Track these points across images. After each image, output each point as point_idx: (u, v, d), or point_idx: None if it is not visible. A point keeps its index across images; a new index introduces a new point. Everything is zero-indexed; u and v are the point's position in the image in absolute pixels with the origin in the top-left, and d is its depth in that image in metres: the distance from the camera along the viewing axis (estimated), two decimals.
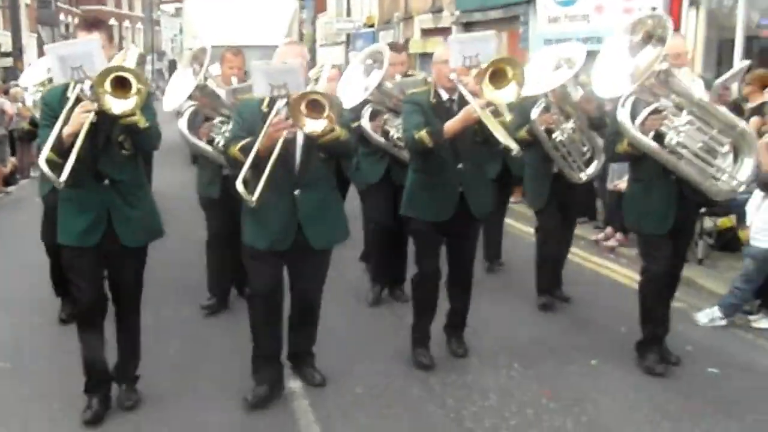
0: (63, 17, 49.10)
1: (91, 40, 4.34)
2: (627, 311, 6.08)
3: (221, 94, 6.16)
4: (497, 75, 4.79)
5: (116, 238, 4.52)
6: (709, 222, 8.20)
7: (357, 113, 6.49)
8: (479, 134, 5.06)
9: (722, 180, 5.04)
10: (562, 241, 6.96)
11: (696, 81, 5.21)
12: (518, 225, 10.02)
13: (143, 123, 4.33)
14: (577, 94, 6.30)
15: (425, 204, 5.30)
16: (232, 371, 5.28)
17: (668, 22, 4.79)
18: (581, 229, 9.00)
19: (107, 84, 4.09)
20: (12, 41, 28.53)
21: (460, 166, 5.22)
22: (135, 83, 4.13)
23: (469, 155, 5.25)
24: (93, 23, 4.61)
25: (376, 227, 6.86)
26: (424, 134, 5.02)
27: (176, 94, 6.20)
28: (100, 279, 4.67)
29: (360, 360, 5.66)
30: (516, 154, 4.95)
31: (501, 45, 18.23)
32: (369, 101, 6.54)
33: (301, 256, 4.83)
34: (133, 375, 4.97)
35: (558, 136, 6.37)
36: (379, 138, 6.57)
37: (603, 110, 6.26)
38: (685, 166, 4.98)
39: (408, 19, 26.18)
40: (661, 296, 5.41)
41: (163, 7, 70.05)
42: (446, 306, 5.68)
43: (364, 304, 6.84)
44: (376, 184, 6.71)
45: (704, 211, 7.37)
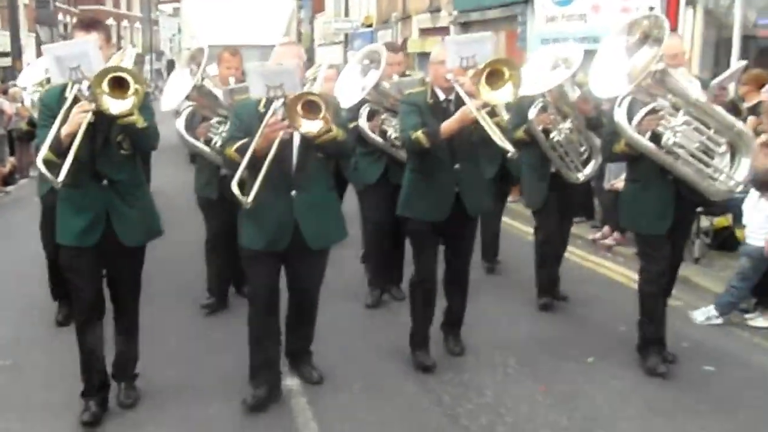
0: (61, 17, 49.05)
1: (88, 41, 4.35)
2: (624, 309, 6.14)
3: (219, 95, 6.17)
4: (494, 76, 4.80)
5: (115, 237, 4.53)
6: (706, 221, 8.22)
7: (354, 113, 6.50)
8: (476, 135, 5.07)
9: (719, 180, 5.04)
10: (559, 240, 6.97)
11: (693, 81, 5.19)
12: (516, 224, 10.05)
13: (141, 123, 4.33)
14: (574, 94, 6.31)
15: (422, 204, 5.31)
16: (230, 369, 5.30)
17: (665, 22, 4.80)
18: (578, 228, 9.05)
19: (105, 84, 4.10)
20: (10, 41, 28.53)
21: (457, 167, 5.23)
22: (132, 83, 4.13)
23: (466, 155, 5.26)
24: (90, 23, 4.62)
25: (374, 227, 6.85)
26: (420, 134, 5.03)
27: (174, 94, 6.22)
28: (99, 279, 4.68)
29: (357, 358, 5.69)
30: (511, 155, 4.96)
31: (498, 46, 18.29)
32: (367, 101, 6.54)
33: (299, 257, 4.84)
34: (132, 373, 4.99)
35: (555, 136, 6.37)
36: (377, 138, 6.57)
37: (600, 110, 6.25)
38: (682, 167, 4.98)
39: (406, 18, 26.20)
40: (661, 296, 5.42)
41: (162, 6, 70.07)
42: (443, 304, 5.69)
43: (361, 302, 6.86)
44: (374, 185, 6.71)
45: (701, 210, 7.39)
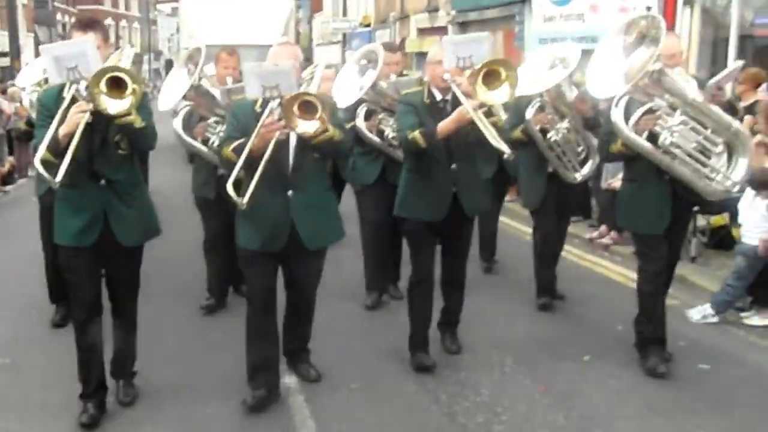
0: (60, 17, 49.02)
1: (86, 41, 4.36)
2: (621, 309, 6.15)
3: (216, 94, 6.18)
4: (490, 76, 4.81)
5: (113, 237, 4.53)
6: (702, 220, 8.23)
7: (352, 113, 6.51)
8: (472, 135, 5.08)
9: (716, 180, 5.04)
10: (557, 239, 6.98)
11: (690, 81, 5.19)
12: (513, 223, 10.06)
13: (139, 123, 4.34)
14: (571, 93, 6.32)
15: (419, 204, 5.31)
16: (229, 368, 5.31)
17: (661, 22, 4.80)
18: (576, 227, 9.05)
19: (102, 84, 4.10)
20: (9, 41, 28.55)
21: (454, 167, 5.24)
22: (130, 83, 4.14)
23: (463, 155, 5.27)
24: (88, 24, 4.63)
25: (373, 228, 6.82)
26: (417, 135, 5.04)
27: (171, 94, 6.22)
28: (98, 279, 4.69)
29: (355, 356, 5.71)
30: (507, 157, 4.98)
31: (496, 45, 18.30)
32: (364, 101, 6.54)
33: (296, 257, 4.85)
34: (130, 371, 5.01)
35: (553, 136, 6.37)
36: (375, 137, 6.57)
37: (597, 110, 6.26)
38: (678, 166, 4.98)
39: (404, 18, 26.22)
40: (660, 295, 5.42)
41: (160, 6, 70.00)
42: (440, 303, 5.70)
43: (359, 302, 6.86)
44: (372, 185, 6.71)
45: (697, 209, 7.40)
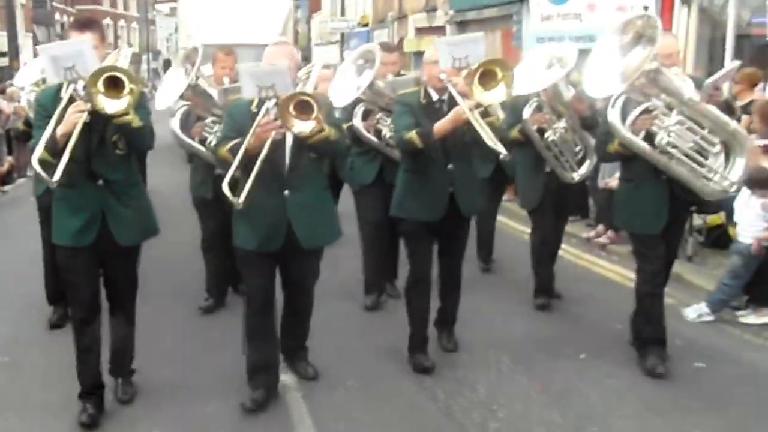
0: (58, 17, 49.01)
1: (83, 41, 4.36)
2: (618, 308, 6.16)
3: (213, 94, 6.18)
4: (487, 76, 4.81)
5: (111, 237, 4.54)
6: (699, 219, 8.25)
7: (349, 113, 6.52)
8: (469, 135, 5.08)
9: (714, 180, 5.04)
10: (555, 239, 6.99)
11: (686, 81, 5.19)
12: (511, 223, 10.07)
13: (137, 122, 4.34)
14: (569, 93, 6.31)
15: (416, 205, 5.32)
16: (228, 367, 5.33)
17: (658, 22, 4.80)
18: (573, 226, 9.07)
19: (100, 84, 4.11)
20: (8, 41, 28.56)
21: (451, 167, 5.25)
22: (128, 83, 4.14)
23: (459, 155, 5.27)
24: (85, 24, 4.63)
25: (372, 228, 6.80)
26: (414, 135, 5.05)
27: (168, 93, 6.23)
28: (96, 279, 4.69)
29: (352, 355, 5.73)
30: (504, 157, 4.98)
31: (493, 45, 18.33)
32: (361, 100, 6.54)
33: (293, 257, 4.85)
34: (128, 369, 5.03)
35: (550, 135, 6.38)
36: (372, 137, 6.57)
37: (595, 110, 6.27)
38: (676, 166, 4.98)
39: (402, 18, 26.25)
40: (658, 296, 5.42)
41: (158, 6, 70.05)
42: (436, 303, 5.71)
43: (356, 301, 6.87)
44: (370, 185, 6.70)
45: (694, 208, 7.41)
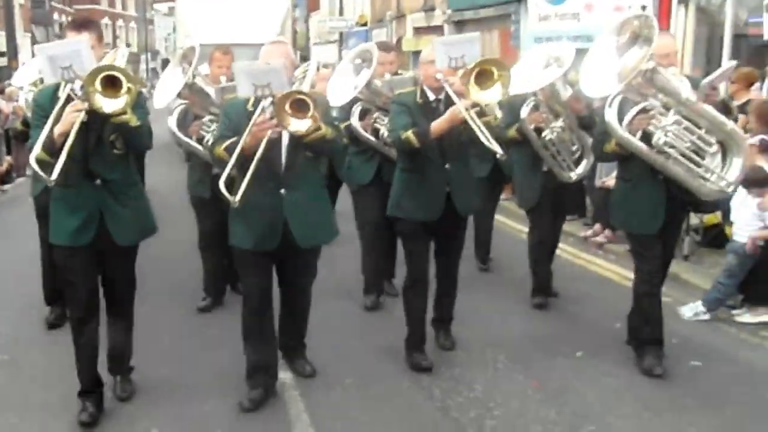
0: (57, 17, 48.97)
1: (80, 41, 4.37)
2: (615, 306, 6.19)
3: (210, 93, 6.19)
4: (483, 76, 4.83)
5: (109, 237, 4.55)
6: (696, 218, 8.25)
7: (347, 112, 6.53)
8: (465, 135, 5.10)
9: (711, 180, 5.03)
10: (552, 238, 7.00)
11: (683, 81, 5.18)
12: (508, 222, 10.09)
13: (134, 122, 4.34)
14: (566, 92, 6.32)
15: (413, 204, 5.33)
16: (226, 365, 5.36)
17: (654, 22, 4.80)
18: (570, 225, 9.08)
19: (97, 83, 4.11)
20: (6, 41, 28.53)
21: (447, 166, 5.26)
22: (125, 82, 4.15)
23: (456, 155, 5.29)
24: (82, 24, 4.64)
25: (370, 227, 6.81)
26: (410, 134, 5.06)
27: (166, 92, 6.23)
28: (94, 278, 4.70)
29: (350, 353, 5.75)
30: (500, 157, 4.98)
31: (491, 44, 18.35)
32: (359, 100, 6.55)
33: (290, 256, 4.87)
34: (127, 367, 5.05)
35: (547, 134, 6.38)
36: (370, 136, 6.58)
37: (592, 109, 6.27)
38: (672, 166, 4.98)
39: (400, 17, 26.28)
40: (656, 296, 5.43)
41: (157, 6, 69.93)
42: (433, 301, 5.74)
43: (354, 300, 6.89)
44: (368, 184, 6.71)
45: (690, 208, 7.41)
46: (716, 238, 8.13)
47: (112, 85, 4.15)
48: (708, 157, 5.03)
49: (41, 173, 4.23)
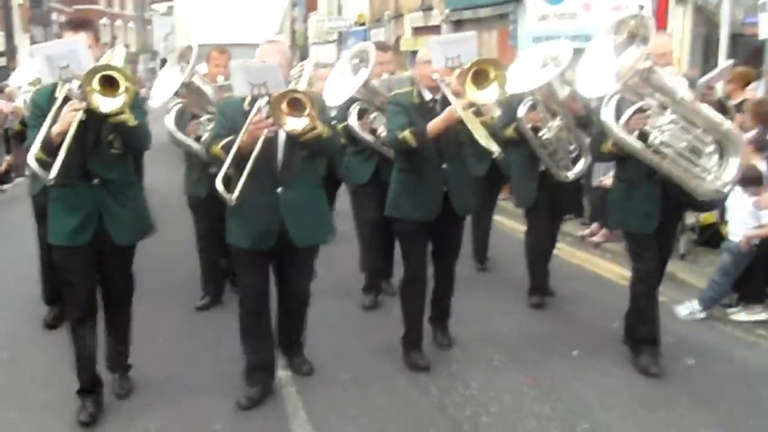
0: (55, 17, 48.93)
1: (77, 41, 4.38)
2: (612, 306, 6.20)
3: (208, 92, 6.20)
4: (479, 75, 4.84)
5: (107, 237, 4.56)
6: (692, 218, 8.25)
7: (345, 112, 6.54)
8: (462, 134, 5.11)
9: (707, 180, 5.03)
10: (549, 237, 7.00)
11: (680, 80, 5.20)
12: (506, 221, 10.11)
13: (132, 121, 4.36)
14: (563, 92, 6.33)
15: (411, 204, 5.33)
16: (225, 362, 5.40)
17: (650, 21, 4.81)
18: (567, 225, 9.10)
19: (95, 83, 4.12)
20: (5, 41, 28.55)
21: (445, 166, 5.27)
22: (123, 81, 4.16)
23: (453, 155, 5.30)
24: (79, 23, 4.67)
25: (369, 227, 6.81)
26: (407, 134, 5.07)
27: (163, 91, 6.25)
28: (93, 278, 4.71)
29: (348, 351, 5.78)
30: (497, 156, 5.00)
31: (490, 44, 18.35)
32: (357, 99, 6.55)
33: (287, 255, 4.88)
34: (125, 364, 5.08)
35: (545, 134, 6.38)
36: (368, 136, 6.59)
37: (589, 109, 6.27)
38: (669, 166, 4.98)
39: (398, 17, 26.29)
40: (653, 295, 5.45)
41: (155, 6, 69.73)
42: (431, 299, 5.76)
43: (352, 299, 6.91)
44: (366, 184, 6.72)
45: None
46: (712, 237, 8.13)
47: (109, 84, 4.16)
48: (704, 156, 5.02)
49: (40, 172, 4.25)
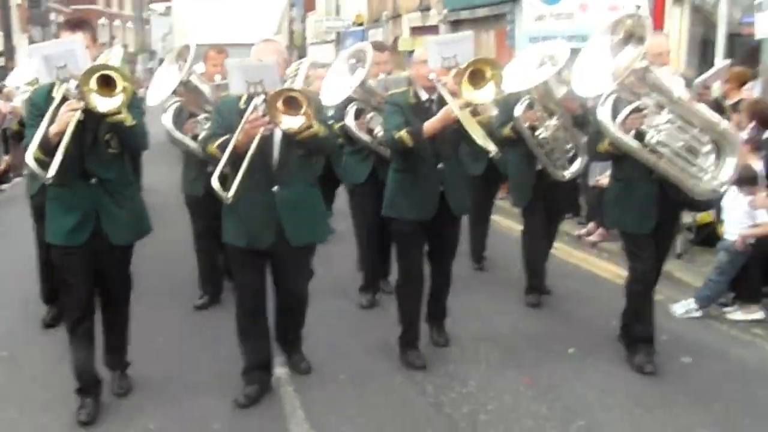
0: (53, 17, 48.92)
1: (75, 40, 4.39)
2: (608, 305, 6.22)
3: (205, 91, 6.21)
4: (476, 75, 4.85)
5: (104, 236, 4.57)
6: (689, 217, 8.25)
7: (342, 112, 6.55)
8: (459, 134, 5.09)
9: (704, 180, 5.03)
10: (546, 236, 7.02)
11: (676, 80, 5.21)
12: (503, 221, 10.11)
13: (129, 121, 4.37)
14: (560, 91, 6.32)
15: (407, 204, 5.34)
16: (222, 360, 5.42)
17: (647, 21, 4.83)
18: (564, 224, 9.02)
19: (92, 82, 4.13)
20: (3, 41, 28.54)
21: (441, 166, 5.28)
22: (120, 81, 4.17)
23: (449, 155, 5.31)
24: (76, 24, 4.67)
25: (366, 226, 6.81)
26: (404, 134, 5.08)
27: (160, 89, 6.24)
28: (91, 277, 4.71)
29: (345, 350, 5.79)
30: (494, 155, 5.02)
31: (487, 44, 18.37)
32: (354, 99, 6.56)
33: (283, 254, 4.87)
34: (124, 363, 5.10)
35: (542, 133, 6.39)
36: (365, 136, 6.60)
37: (586, 108, 6.28)
38: (666, 165, 4.98)
39: (396, 17, 26.32)
40: (648, 295, 5.46)
41: (153, 6, 69.84)
42: (427, 298, 5.77)
43: (350, 298, 6.92)
44: (363, 184, 6.73)
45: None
46: (709, 236, 8.13)
47: (107, 84, 4.17)
48: (701, 156, 5.03)
49: (39, 171, 4.26)
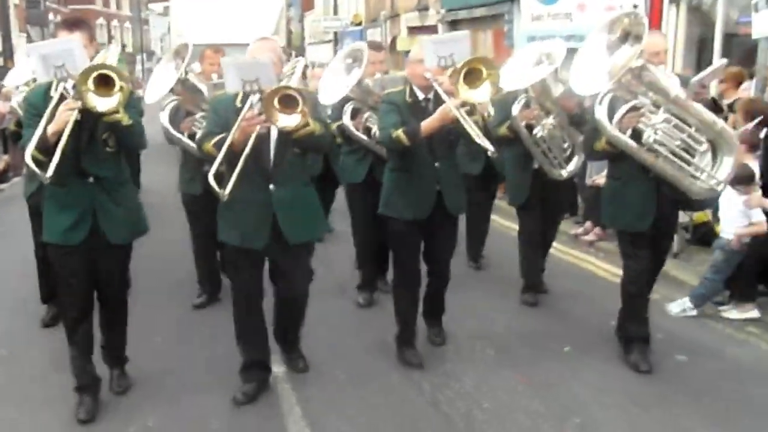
0: (52, 17, 48.89)
1: (72, 40, 4.40)
2: (604, 304, 6.25)
3: (203, 89, 6.20)
4: (472, 75, 4.85)
5: (102, 235, 4.58)
6: (685, 216, 8.26)
7: (339, 111, 6.57)
8: (456, 133, 5.12)
9: (701, 179, 5.04)
10: (543, 235, 7.03)
11: (673, 79, 5.20)
12: (501, 220, 10.11)
13: (126, 120, 4.37)
14: (557, 89, 6.33)
15: (403, 203, 5.35)
16: (220, 359, 5.43)
17: (644, 20, 4.82)
18: (561, 223, 9.09)
19: (90, 82, 4.14)
20: (2, 41, 28.52)
21: (437, 165, 5.29)
22: (117, 80, 4.17)
23: (446, 154, 5.32)
24: (74, 23, 4.68)
25: (364, 226, 6.83)
26: (400, 133, 5.08)
27: (158, 87, 6.24)
28: (89, 276, 4.71)
29: (342, 348, 5.81)
30: (491, 154, 5.03)
31: (485, 44, 18.39)
32: (351, 99, 6.58)
33: (280, 252, 4.87)
34: (122, 361, 5.12)
35: (539, 131, 6.41)
36: (362, 135, 6.61)
37: (583, 107, 6.29)
38: (662, 164, 4.99)
39: (394, 17, 26.32)
40: (644, 295, 5.48)
41: (151, 6, 69.86)
42: (424, 296, 5.78)
43: (348, 297, 6.93)
44: (361, 183, 6.75)
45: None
46: (705, 235, 8.15)
47: (104, 83, 4.17)
48: (698, 155, 5.04)
49: (37, 170, 4.25)
